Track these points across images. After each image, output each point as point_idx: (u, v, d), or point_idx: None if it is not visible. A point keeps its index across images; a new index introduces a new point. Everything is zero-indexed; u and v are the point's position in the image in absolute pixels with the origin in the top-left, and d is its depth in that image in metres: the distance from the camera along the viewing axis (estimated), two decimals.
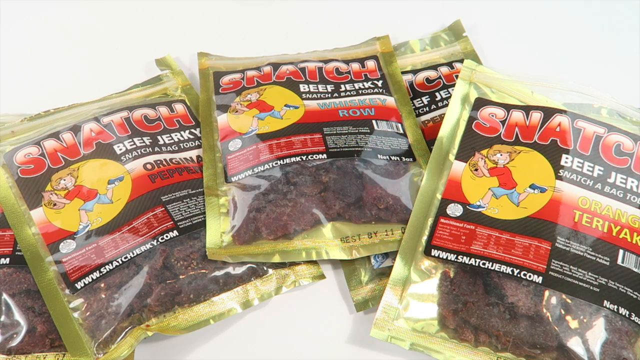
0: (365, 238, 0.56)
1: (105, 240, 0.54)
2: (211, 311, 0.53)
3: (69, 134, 0.62)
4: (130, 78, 0.72)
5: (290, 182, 0.58)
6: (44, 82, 0.74)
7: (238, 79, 0.68)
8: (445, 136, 0.59)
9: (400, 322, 0.51)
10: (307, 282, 0.56)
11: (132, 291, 0.52)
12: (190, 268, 0.54)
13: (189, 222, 0.56)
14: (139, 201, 0.57)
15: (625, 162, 0.56)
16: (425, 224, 0.55)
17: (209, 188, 0.59)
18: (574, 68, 0.74)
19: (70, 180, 0.58)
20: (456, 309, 0.51)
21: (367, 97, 0.65)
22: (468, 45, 0.73)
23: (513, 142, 0.58)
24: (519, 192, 0.55)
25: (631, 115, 0.59)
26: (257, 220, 0.56)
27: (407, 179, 0.59)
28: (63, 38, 0.79)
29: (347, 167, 0.59)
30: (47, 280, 0.52)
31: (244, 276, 0.55)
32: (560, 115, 0.58)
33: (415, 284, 0.52)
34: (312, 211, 0.57)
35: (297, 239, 0.56)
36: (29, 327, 0.52)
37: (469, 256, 0.52)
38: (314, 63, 0.69)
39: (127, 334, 0.51)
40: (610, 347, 0.48)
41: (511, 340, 0.49)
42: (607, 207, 0.53)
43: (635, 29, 0.78)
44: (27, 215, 0.56)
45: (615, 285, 0.50)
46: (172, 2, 0.82)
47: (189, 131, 0.65)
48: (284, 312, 0.56)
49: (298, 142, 0.60)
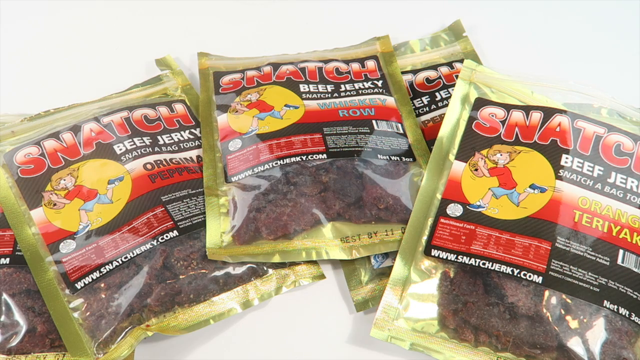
0: (365, 238, 0.56)
1: (105, 240, 0.54)
2: (211, 311, 0.53)
3: (69, 134, 0.62)
4: (130, 78, 0.72)
5: (290, 182, 0.58)
6: (44, 82, 0.74)
7: (238, 79, 0.68)
8: (445, 136, 0.59)
9: (400, 322, 0.51)
10: (307, 282, 0.56)
11: (132, 291, 0.52)
12: (190, 268, 0.54)
13: (189, 222, 0.56)
14: (139, 201, 0.57)
15: (625, 162, 0.56)
16: (425, 224, 0.55)
17: (209, 188, 0.59)
18: (574, 68, 0.74)
19: (70, 180, 0.58)
20: (456, 309, 0.51)
21: (367, 97, 0.65)
22: (468, 45, 0.73)
23: (513, 142, 0.58)
24: (519, 192, 0.55)
25: (631, 115, 0.59)
26: (257, 220, 0.56)
27: (407, 179, 0.59)
28: (63, 38, 0.79)
29: (347, 167, 0.59)
30: (47, 280, 0.52)
31: (244, 276, 0.55)
32: (560, 115, 0.58)
33: (415, 284, 0.52)
34: (312, 211, 0.57)
35: (297, 239, 0.56)
36: (29, 327, 0.52)
37: (469, 256, 0.52)
38: (314, 63, 0.69)
39: (127, 334, 0.51)
40: (610, 347, 0.48)
41: (511, 340, 0.49)
42: (607, 207, 0.53)
43: (635, 29, 0.78)
44: (27, 215, 0.56)
45: (615, 285, 0.50)
46: (172, 2, 0.82)
47: (189, 131, 0.65)
48: (284, 312, 0.56)
49: (298, 142, 0.60)
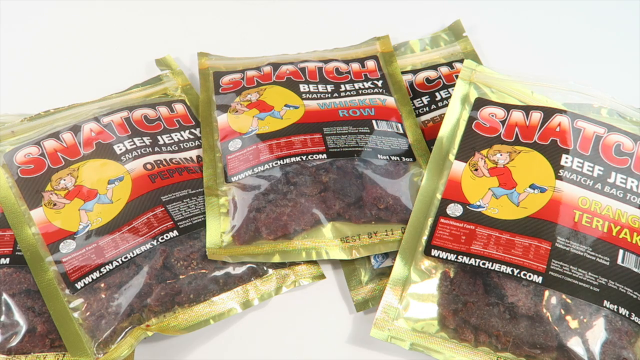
0: (365, 238, 0.56)
1: (105, 240, 0.54)
2: (211, 311, 0.53)
3: (69, 134, 0.62)
4: (130, 78, 0.72)
5: (290, 182, 0.58)
6: (44, 82, 0.74)
7: (238, 79, 0.68)
8: (445, 136, 0.59)
9: (400, 322, 0.51)
10: (307, 282, 0.56)
11: (132, 291, 0.52)
12: (190, 268, 0.54)
13: (189, 222, 0.56)
14: (139, 201, 0.57)
15: (625, 162, 0.56)
16: (425, 224, 0.55)
17: (209, 188, 0.58)
18: (574, 67, 0.74)
19: (70, 180, 0.58)
20: (456, 309, 0.51)
21: (367, 97, 0.65)
22: (468, 45, 0.73)
23: (513, 142, 0.58)
24: (519, 192, 0.55)
25: (631, 115, 0.59)
26: (257, 220, 0.56)
27: (407, 179, 0.59)
28: (63, 38, 0.79)
29: (347, 167, 0.59)
30: (47, 280, 0.52)
31: (244, 276, 0.55)
32: (560, 115, 0.58)
33: (415, 284, 0.52)
34: (312, 211, 0.57)
35: (297, 239, 0.56)
36: (29, 327, 0.51)
37: (469, 256, 0.52)
38: (314, 63, 0.69)
39: (127, 334, 0.51)
40: (610, 347, 0.48)
41: (511, 340, 0.49)
42: (607, 207, 0.53)
43: (636, 29, 0.78)
44: (27, 215, 0.56)
45: (615, 285, 0.50)
46: (172, 2, 0.82)
47: (189, 131, 0.65)
48: (284, 312, 0.56)
49: (298, 142, 0.60)
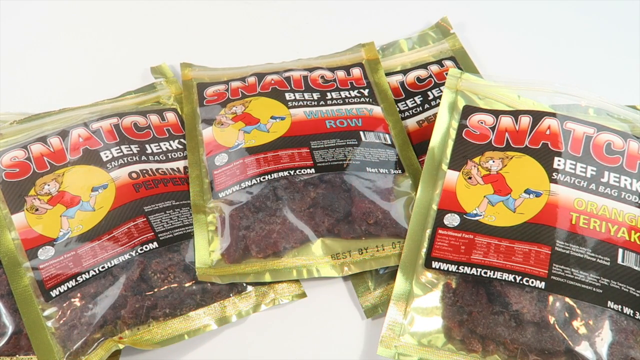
0: (356, 254, 0.56)
1: (84, 248, 0.53)
2: (186, 326, 0.52)
3: (57, 138, 0.61)
4: (125, 85, 0.71)
5: (278, 197, 0.57)
6: (41, 87, 0.73)
7: (222, 90, 0.67)
8: (436, 146, 0.59)
9: (406, 337, 0.51)
10: (286, 301, 0.55)
11: (107, 302, 0.51)
12: (167, 281, 0.53)
13: (169, 234, 0.55)
14: (121, 210, 0.56)
15: (617, 161, 0.56)
16: (424, 236, 0.54)
17: (197, 206, 0.57)
18: (564, 63, 0.74)
19: (54, 185, 0.57)
20: (461, 320, 0.51)
21: (354, 106, 0.64)
22: (456, 42, 0.73)
23: (504, 148, 0.57)
24: (515, 198, 0.54)
25: (619, 113, 0.60)
26: (246, 238, 0.55)
27: (396, 191, 0.58)
28: (60, 42, 0.78)
29: (336, 181, 0.58)
30: (23, 287, 0.51)
31: (222, 292, 0.54)
32: (549, 118, 0.58)
33: (418, 297, 0.52)
34: (301, 228, 0.56)
35: (287, 257, 0.55)
36: (15, 329, 0.51)
37: (470, 266, 0.52)
38: (298, 72, 0.68)
39: (98, 345, 0.50)
40: (617, 347, 0.48)
41: (519, 347, 0.49)
42: (603, 207, 0.54)
43: (630, 28, 0.78)
44: (9, 219, 0.55)
45: (618, 285, 0.50)
46: (171, 9, 0.82)
47: (178, 141, 0.64)
48: (291, 318, 0.55)
49: (285, 157, 0.59)
